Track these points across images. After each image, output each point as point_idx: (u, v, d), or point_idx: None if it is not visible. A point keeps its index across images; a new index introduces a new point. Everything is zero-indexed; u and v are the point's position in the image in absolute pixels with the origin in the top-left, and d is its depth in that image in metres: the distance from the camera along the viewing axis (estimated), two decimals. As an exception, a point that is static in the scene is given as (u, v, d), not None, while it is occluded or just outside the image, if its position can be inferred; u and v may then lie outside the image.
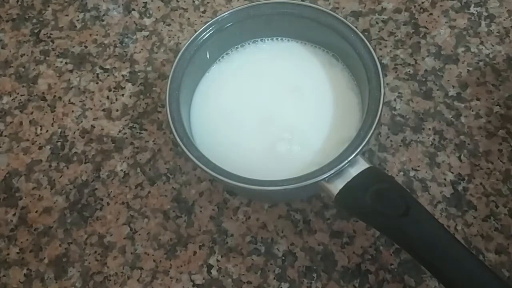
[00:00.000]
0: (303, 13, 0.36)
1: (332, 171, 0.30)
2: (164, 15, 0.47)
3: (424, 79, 0.41)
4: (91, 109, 0.43)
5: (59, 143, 0.41)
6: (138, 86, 0.43)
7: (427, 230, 0.28)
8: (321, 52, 0.38)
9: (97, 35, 0.46)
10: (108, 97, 0.43)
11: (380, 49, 0.43)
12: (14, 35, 0.47)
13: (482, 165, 0.38)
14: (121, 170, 0.40)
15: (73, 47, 0.46)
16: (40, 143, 0.42)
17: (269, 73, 0.38)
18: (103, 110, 0.43)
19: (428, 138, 0.39)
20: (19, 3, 0.49)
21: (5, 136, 0.42)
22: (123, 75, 0.44)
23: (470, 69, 0.41)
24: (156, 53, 0.45)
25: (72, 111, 0.43)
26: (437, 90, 0.41)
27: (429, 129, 0.39)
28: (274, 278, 0.35)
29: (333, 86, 0.37)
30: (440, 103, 0.40)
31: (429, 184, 0.37)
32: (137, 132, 0.41)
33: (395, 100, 0.41)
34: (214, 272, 0.36)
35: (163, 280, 0.36)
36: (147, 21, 0.47)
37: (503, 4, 0.44)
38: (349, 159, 0.30)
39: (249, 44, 0.39)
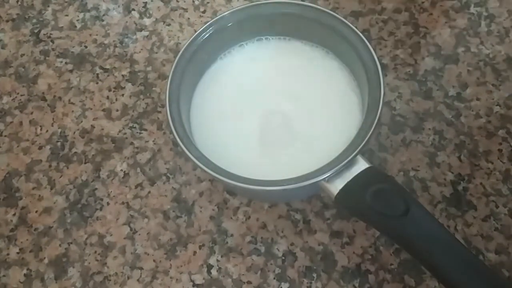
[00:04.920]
0: (303, 13, 0.36)
1: (332, 171, 0.30)
2: (164, 15, 0.47)
3: (424, 79, 0.41)
4: (91, 109, 0.43)
5: (59, 143, 0.41)
6: (138, 86, 0.43)
7: (427, 230, 0.28)
8: (321, 52, 0.38)
9: (97, 35, 0.46)
10: (108, 97, 0.43)
11: (380, 49, 0.43)
12: (14, 35, 0.47)
13: (482, 165, 0.38)
14: (121, 170, 0.40)
15: (73, 47, 0.46)
16: (40, 143, 0.42)
17: (269, 73, 0.38)
18: (103, 110, 0.43)
19: (428, 138, 0.39)
20: (19, 3, 0.49)
21: (5, 136, 0.42)
22: (123, 75, 0.44)
23: (470, 69, 0.41)
24: (156, 53, 0.45)
25: (72, 111, 0.43)
26: (437, 90, 0.41)
27: (429, 129, 0.39)
28: (274, 278, 0.35)
29: (333, 86, 0.37)
30: (440, 103, 0.40)
31: (429, 184, 0.37)
32: (137, 132, 0.41)
33: (395, 100, 0.41)
34: (214, 272, 0.36)
35: (163, 280, 0.36)
36: (147, 21, 0.47)
37: (503, 4, 0.44)
38: (349, 159, 0.30)
39: (248, 44, 0.39)
